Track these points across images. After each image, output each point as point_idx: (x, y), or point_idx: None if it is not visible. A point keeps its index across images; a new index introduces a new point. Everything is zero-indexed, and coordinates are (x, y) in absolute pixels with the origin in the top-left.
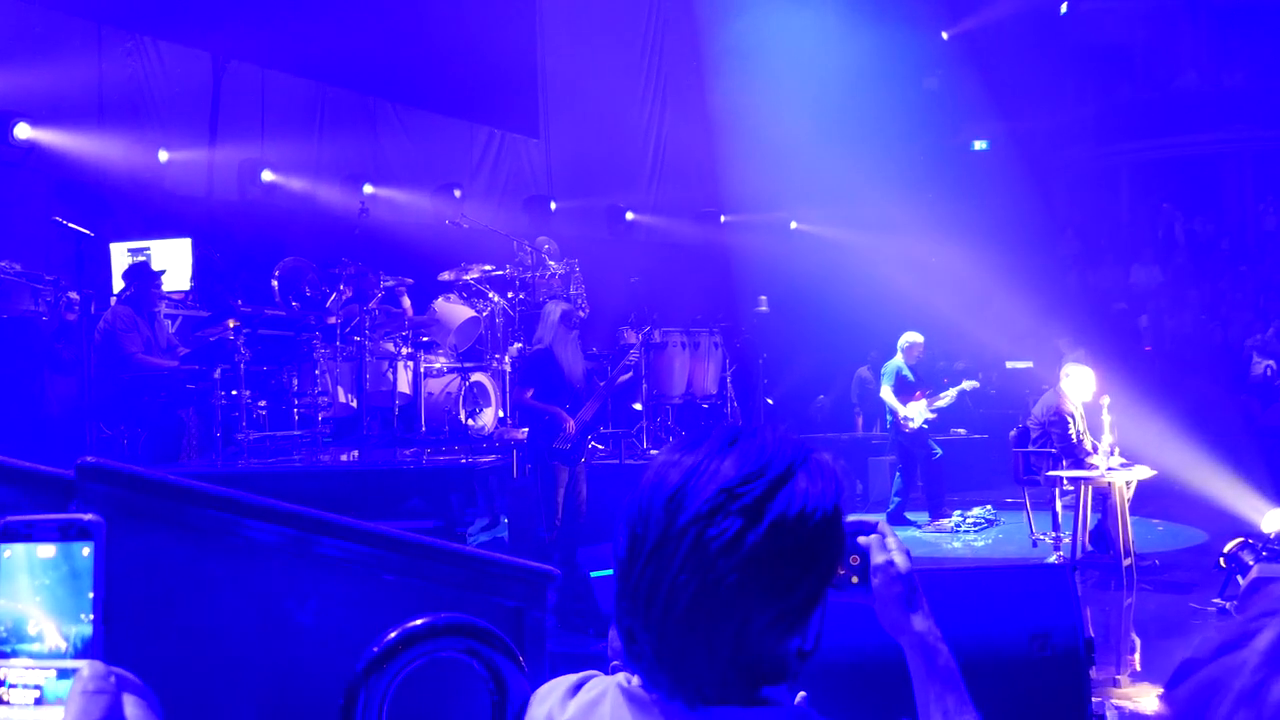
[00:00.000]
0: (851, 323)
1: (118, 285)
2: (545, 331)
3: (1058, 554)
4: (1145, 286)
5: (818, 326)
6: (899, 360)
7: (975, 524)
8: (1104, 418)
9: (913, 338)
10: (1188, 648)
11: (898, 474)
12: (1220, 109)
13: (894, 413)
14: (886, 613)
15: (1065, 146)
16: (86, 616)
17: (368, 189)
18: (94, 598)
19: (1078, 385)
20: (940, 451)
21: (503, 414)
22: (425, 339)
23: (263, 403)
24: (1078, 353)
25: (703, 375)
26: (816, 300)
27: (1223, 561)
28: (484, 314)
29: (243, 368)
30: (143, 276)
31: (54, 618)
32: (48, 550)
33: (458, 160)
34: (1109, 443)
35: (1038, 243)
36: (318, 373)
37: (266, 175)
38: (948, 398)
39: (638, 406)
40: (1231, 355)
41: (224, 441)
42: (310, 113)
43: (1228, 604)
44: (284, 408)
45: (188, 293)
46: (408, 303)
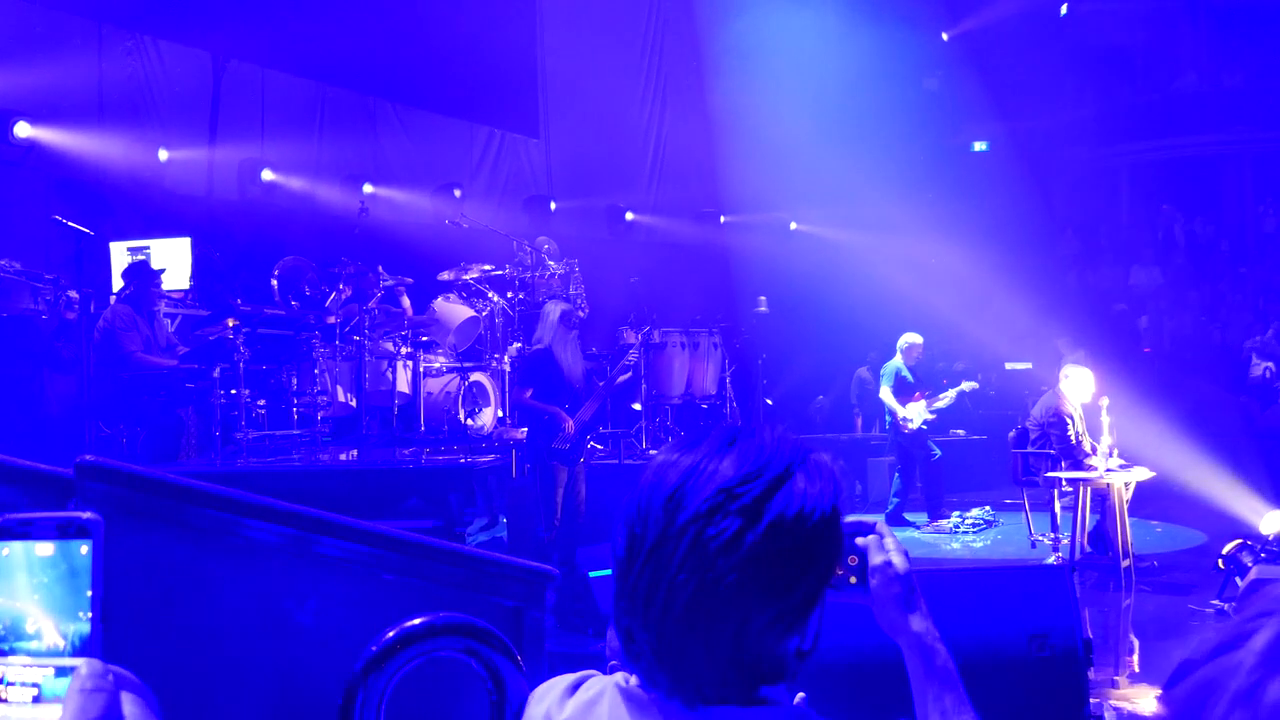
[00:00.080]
0: (851, 323)
1: (117, 284)
2: (545, 331)
3: (1056, 555)
4: (1145, 288)
5: (817, 327)
6: (898, 361)
7: (974, 525)
8: (1103, 419)
9: (912, 338)
10: (1186, 649)
11: (896, 475)
12: (1220, 110)
13: (893, 413)
14: (885, 613)
15: (1065, 147)
16: (85, 615)
17: (367, 188)
18: (92, 596)
19: (1077, 386)
20: (939, 452)
21: (502, 414)
22: (425, 339)
23: (262, 402)
24: (1077, 354)
25: (702, 375)
26: (816, 300)
27: (1221, 563)
28: (483, 314)
29: (242, 367)
30: (142, 275)
31: (52, 616)
32: (46, 548)
33: (457, 160)
34: (1108, 444)
35: (1037, 243)
36: (317, 372)
37: (266, 175)
38: (947, 398)
39: (637, 406)
40: (1231, 357)
41: (223, 441)
42: (310, 112)
43: (1226, 605)
44: (283, 407)
45: (187, 292)
46: (407, 302)
